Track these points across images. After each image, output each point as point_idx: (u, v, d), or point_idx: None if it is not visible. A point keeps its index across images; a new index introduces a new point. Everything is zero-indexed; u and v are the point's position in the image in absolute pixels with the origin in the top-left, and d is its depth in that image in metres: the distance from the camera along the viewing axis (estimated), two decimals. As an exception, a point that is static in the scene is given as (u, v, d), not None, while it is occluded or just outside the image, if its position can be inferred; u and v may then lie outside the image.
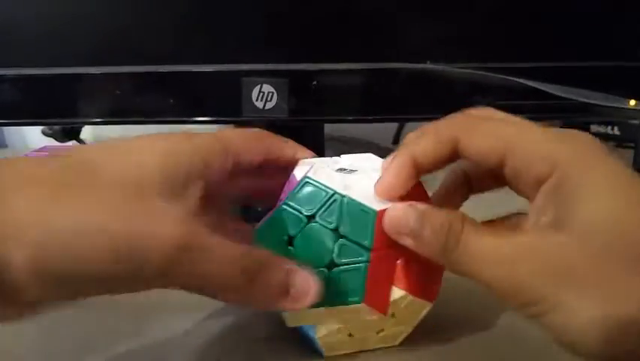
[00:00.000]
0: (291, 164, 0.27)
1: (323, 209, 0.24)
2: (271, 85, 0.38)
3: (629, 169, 0.21)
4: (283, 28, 0.39)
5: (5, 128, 0.71)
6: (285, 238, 0.24)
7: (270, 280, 0.22)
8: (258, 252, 0.22)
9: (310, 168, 0.25)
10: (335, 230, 0.23)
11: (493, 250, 0.21)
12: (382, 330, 0.26)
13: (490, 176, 0.26)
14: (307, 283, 0.22)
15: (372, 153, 0.29)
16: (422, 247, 0.22)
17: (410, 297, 0.24)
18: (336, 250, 0.23)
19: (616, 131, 0.52)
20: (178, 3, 0.38)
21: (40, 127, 0.58)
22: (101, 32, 0.38)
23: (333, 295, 0.23)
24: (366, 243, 0.23)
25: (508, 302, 0.20)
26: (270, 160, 0.27)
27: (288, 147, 0.28)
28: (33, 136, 0.69)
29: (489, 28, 0.39)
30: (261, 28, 0.39)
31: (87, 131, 0.66)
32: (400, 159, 0.23)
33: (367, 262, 0.23)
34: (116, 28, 0.38)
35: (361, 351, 0.26)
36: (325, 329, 0.25)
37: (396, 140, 0.66)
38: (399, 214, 0.23)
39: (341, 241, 0.23)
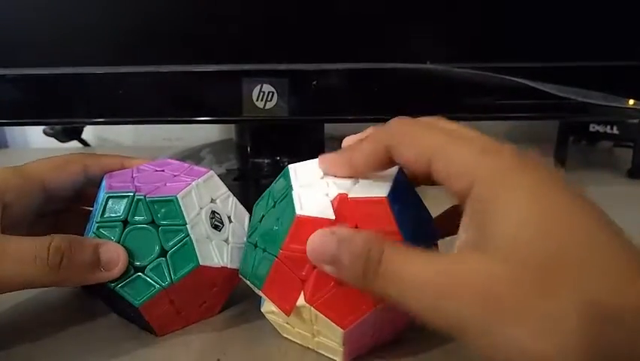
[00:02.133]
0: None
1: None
2: (271, 85, 0.39)
3: (554, 177, 0.20)
4: (283, 29, 0.39)
5: (7, 128, 0.71)
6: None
7: (77, 257, 0.25)
8: (59, 238, 0.25)
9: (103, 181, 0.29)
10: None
11: (414, 277, 0.20)
12: (314, 335, 0.26)
13: None
14: (116, 252, 0.26)
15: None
16: (343, 274, 0.22)
17: (313, 310, 0.24)
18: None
19: (615, 130, 0.52)
20: (179, 3, 0.38)
21: (42, 127, 0.58)
22: (101, 32, 0.38)
23: (252, 275, 0.26)
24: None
25: (433, 328, 0.20)
26: (96, 177, 0.30)
27: (110, 160, 0.31)
28: (35, 136, 0.69)
29: (489, 28, 0.39)
30: (261, 29, 0.39)
31: (89, 131, 0.66)
32: (341, 155, 0.25)
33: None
34: (117, 28, 0.38)
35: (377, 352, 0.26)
36: (267, 306, 0.27)
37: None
38: (318, 241, 0.23)
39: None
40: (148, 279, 0.26)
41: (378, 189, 0.24)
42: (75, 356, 0.27)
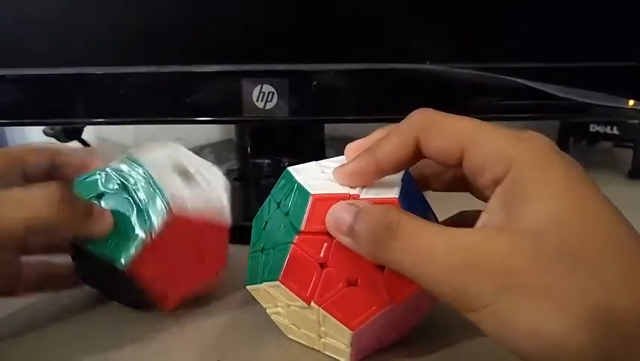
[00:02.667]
0: (81, 166, 0.31)
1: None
2: (271, 85, 0.39)
3: (580, 169, 0.21)
4: (283, 29, 0.39)
5: (7, 129, 0.71)
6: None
7: (74, 200, 0.26)
8: (61, 183, 0.26)
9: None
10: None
11: (428, 246, 0.20)
12: (320, 336, 0.26)
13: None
14: (101, 208, 0.27)
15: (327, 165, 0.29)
16: (359, 246, 0.22)
17: (322, 311, 0.23)
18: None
19: (615, 130, 0.52)
20: (179, 4, 0.38)
21: (42, 127, 0.58)
22: (102, 33, 0.38)
23: (264, 274, 0.25)
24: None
25: (444, 303, 0.20)
26: (61, 164, 0.31)
27: (71, 153, 0.31)
28: (35, 136, 0.69)
29: (488, 28, 0.39)
30: (261, 29, 0.39)
31: (89, 132, 0.66)
32: (363, 159, 0.24)
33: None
34: (117, 28, 0.38)
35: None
36: (271, 308, 0.27)
37: (397, 140, 0.66)
38: (337, 211, 0.23)
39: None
40: (130, 234, 0.27)
41: (388, 191, 0.24)
42: (75, 356, 0.27)
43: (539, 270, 0.18)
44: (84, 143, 0.64)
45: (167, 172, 0.28)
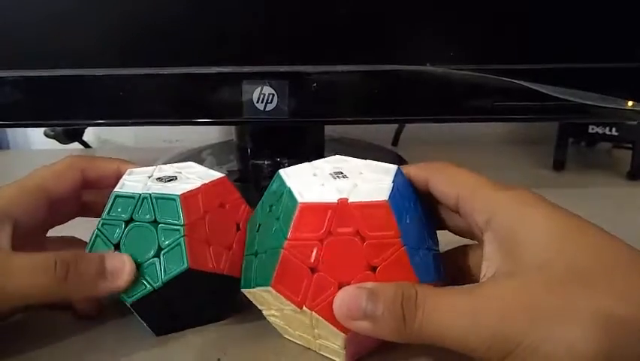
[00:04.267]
0: (117, 176, 0.30)
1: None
2: (272, 87, 0.39)
3: (559, 207, 0.23)
4: (284, 31, 0.39)
5: (9, 130, 0.71)
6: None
7: (83, 268, 0.25)
8: (64, 253, 0.25)
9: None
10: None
11: (454, 307, 0.21)
12: (315, 338, 0.25)
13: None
14: (121, 261, 0.26)
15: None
16: (380, 326, 0.22)
17: (314, 314, 0.23)
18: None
19: (614, 132, 0.52)
20: (180, 5, 0.38)
21: (43, 128, 0.58)
22: (103, 34, 0.39)
23: (257, 279, 0.25)
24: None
25: (479, 356, 0.20)
26: (93, 180, 0.31)
27: (107, 164, 0.31)
28: (36, 137, 0.69)
29: (488, 30, 0.39)
30: (261, 31, 0.39)
31: (89, 133, 0.66)
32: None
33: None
34: (118, 30, 0.39)
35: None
36: (266, 311, 0.27)
37: (396, 141, 0.66)
38: (347, 297, 0.22)
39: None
40: (140, 278, 0.26)
41: (378, 193, 0.24)
42: (75, 357, 0.27)
43: (556, 295, 0.20)
44: (85, 144, 0.64)
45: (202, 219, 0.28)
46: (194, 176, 0.29)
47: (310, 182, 0.26)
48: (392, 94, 0.39)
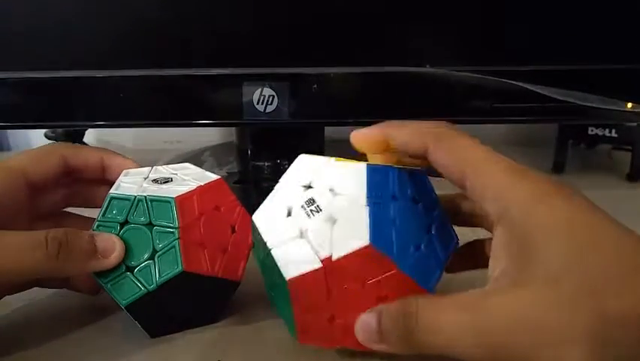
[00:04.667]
0: (101, 167, 0.31)
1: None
2: (272, 88, 0.39)
3: (584, 198, 0.20)
4: (284, 33, 0.39)
5: (9, 131, 0.71)
6: None
7: (75, 245, 0.26)
8: (56, 230, 0.26)
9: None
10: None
11: (457, 323, 0.20)
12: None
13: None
14: (111, 241, 0.26)
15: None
16: (393, 346, 0.22)
17: None
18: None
19: (614, 133, 0.52)
20: (180, 7, 0.38)
21: (44, 130, 0.58)
22: (103, 36, 0.39)
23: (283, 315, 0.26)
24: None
25: None
26: (75, 167, 0.31)
27: (91, 153, 0.32)
28: (36, 139, 0.69)
29: (488, 31, 0.39)
30: (261, 33, 0.39)
31: (90, 134, 0.66)
32: (375, 129, 0.25)
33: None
34: (119, 31, 0.39)
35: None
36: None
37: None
38: (361, 325, 0.23)
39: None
40: (135, 281, 0.26)
41: (358, 234, 0.23)
42: (75, 357, 0.27)
43: (566, 312, 0.18)
44: (85, 145, 0.64)
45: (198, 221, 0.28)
46: (190, 178, 0.29)
47: (285, 235, 0.24)
48: (392, 95, 0.40)
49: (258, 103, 0.39)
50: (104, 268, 0.26)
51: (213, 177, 0.30)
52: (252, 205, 0.29)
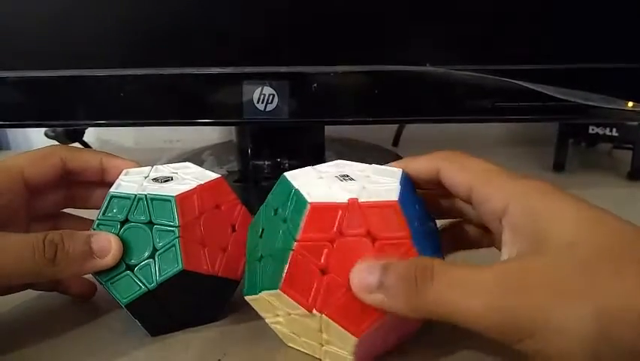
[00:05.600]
0: (100, 169, 0.31)
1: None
2: (272, 87, 0.39)
3: (580, 198, 0.22)
4: (284, 32, 0.39)
5: (9, 131, 0.71)
6: None
7: (71, 248, 0.26)
8: (52, 232, 0.26)
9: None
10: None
11: (472, 278, 0.20)
12: (322, 345, 0.25)
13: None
14: (107, 240, 0.26)
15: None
16: (393, 299, 0.21)
17: (324, 318, 0.23)
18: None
19: (614, 132, 0.52)
20: (180, 6, 0.38)
21: (44, 129, 0.58)
22: (103, 35, 0.39)
23: (263, 283, 0.25)
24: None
25: (494, 335, 0.19)
26: (74, 169, 0.31)
27: (90, 155, 0.32)
28: (36, 138, 0.69)
29: (488, 30, 0.39)
30: (261, 31, 0.39)
31: (90, 133, 0.66)
32: (396, 164, 0.27)
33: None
34: (118, 30, 0.39)
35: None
36: (270, 318, 0.26)
37: (396, 142, 0.66)
38: (363, 269, 0.22)
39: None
40: (135, 279, 0.26)
41: (387, 194, 0.24)
42: (75, 357, 0.27)
43: (587, 274, 0.19)
44: (85, 145, 0.64)
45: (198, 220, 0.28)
46: (190, 177, 0.29)
47: (317, 183, 0.25)
48: (392, 94, 0.39)
49: (258, 102, 0.39)
50: (101, 269, 0.26)
51: (214, 175, 0.30)
52: (253, 204, 0.29)
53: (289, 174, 0.26)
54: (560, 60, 0.39)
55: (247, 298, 0.26)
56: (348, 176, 0.26)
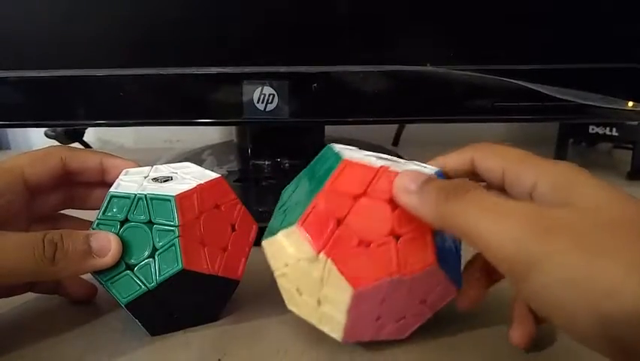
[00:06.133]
0: (100, 169, 0.31)
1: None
2: (272, 87, 0.39)
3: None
4: (284, 31, 0.39)
5: (9, 130, 0.71)
6: None
7: (70, 247, 0.26)
8: (52, 232, 0.26)
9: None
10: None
11: (503, 206, 0.21)
12: (319, 303, 0.25)
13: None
14: (106, 240, 0.26)
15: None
16: (424, 199, 0.23)
17: (328, 264, 0.23)
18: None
19: (614, 132, 0.52)
20: (180, 6, 0.38)
21: (44, 129, 0.58)
22: (103, 35, 0.39)
23: (283, 222, 0.26)
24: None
25: (504, 266, 0.20)
26: (74, 170, 0.31)
27: (90, 156, 0.32)
28: (37, 138, 0.70)
29: (488, 30, 0.39)
30: (262, 31, 0.39)
31: (90, 133, 0.66)
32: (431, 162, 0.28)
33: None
34: (119, 30, 0.39)
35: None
36: (279, 269, 0.26)
37: (396, 142, 0.66)
38: (411, 173, 0.24)
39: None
40: (135, 278, 0.26)
41: (422, 169, 0.26)
42: (75, 357, 0.27)
43: (610, 234, 0.19)
44: (85, 144, 0.64)
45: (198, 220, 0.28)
46: (190, 176, 0.29)
47: (358, 153, 0.27)
48: (392, 94, 0.39)
49: (258, 102, 0.39)
50: (100, 268, 0.26)
51: (213, 175, 0.30)
52: (252, 204, 0.29)
53: (333, 144, 0.28)
54: (559, 60, 0.39)
55: (263, 243, 0.27)
56: (387, 159, 0.27)
